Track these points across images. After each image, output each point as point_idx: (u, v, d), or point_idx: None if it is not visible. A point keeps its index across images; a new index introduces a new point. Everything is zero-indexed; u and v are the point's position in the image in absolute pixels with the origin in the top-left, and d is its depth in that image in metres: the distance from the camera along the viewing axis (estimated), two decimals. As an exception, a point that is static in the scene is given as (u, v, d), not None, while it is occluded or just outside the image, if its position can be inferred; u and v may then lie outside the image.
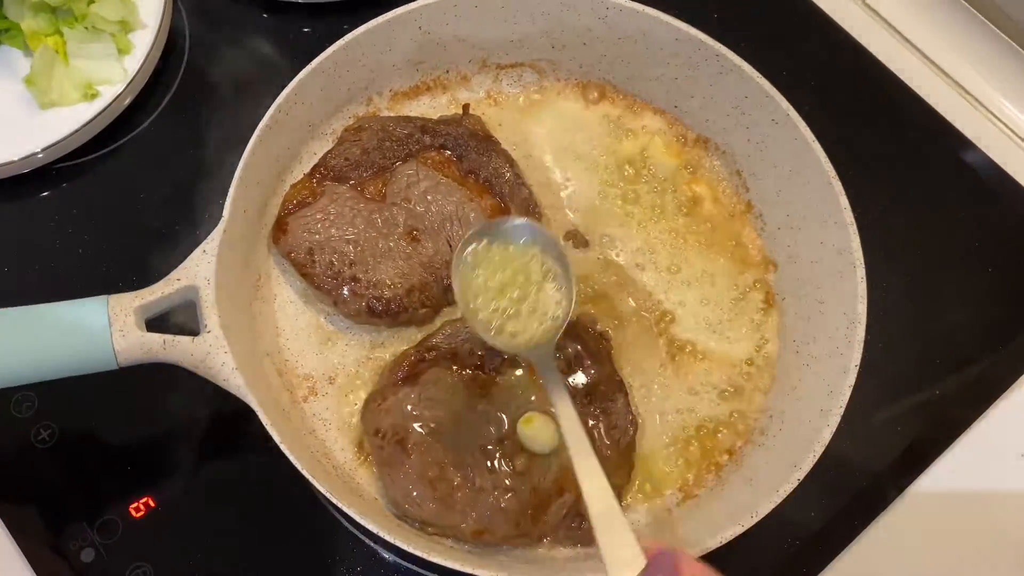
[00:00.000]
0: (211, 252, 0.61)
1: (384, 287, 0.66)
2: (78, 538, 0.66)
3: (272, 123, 0.66)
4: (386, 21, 0.69)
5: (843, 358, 0.63)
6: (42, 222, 0.76)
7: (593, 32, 0.72)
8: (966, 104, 0.84)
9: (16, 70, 0.79)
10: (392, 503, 0.63)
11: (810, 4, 0.87)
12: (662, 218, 0.74)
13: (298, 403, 0.67)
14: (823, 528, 0.68)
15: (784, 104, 0.67)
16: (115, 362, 0.58)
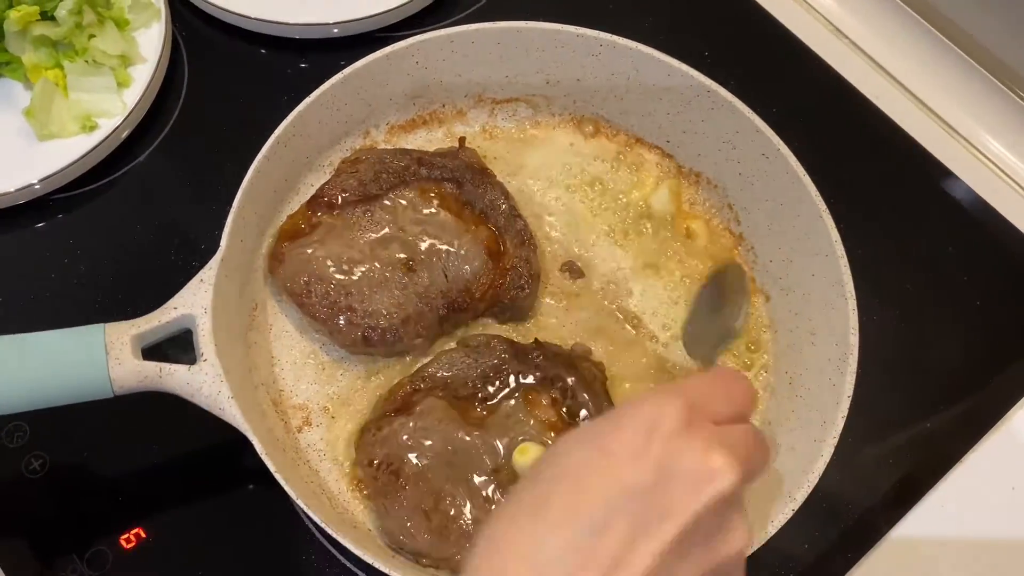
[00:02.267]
0: (208, 281, 0.61)
1: (380, 317, 0.67)
2: (67, 569, 0.65)
3: (270, 154, 0.67)
4: (384, 56, 0.70)
5: (836, 389, 0.63)
6: (38, 252, 0.77)
7: (586, 68, 0.74)
8: (952, 140, 0.86)
9: (16, 102, 0.80)
10: (386, 534, 0.62)
11: (798, 42, 0.88)
12: (656, 250, 0.74)
13: (292, 433, 0.67)
14: (816, 561, 0.68)
15: (775, 139, 0.68)
16: (111, 390, 0.58)
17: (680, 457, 0.39)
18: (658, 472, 0.38)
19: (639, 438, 0.39)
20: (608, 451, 0.39)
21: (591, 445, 0.40)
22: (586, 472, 0.39)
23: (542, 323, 0.72)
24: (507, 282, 0.69)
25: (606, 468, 0.39)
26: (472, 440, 0.63)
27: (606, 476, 0.38)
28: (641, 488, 0.38)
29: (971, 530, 0.70)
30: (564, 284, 0.73)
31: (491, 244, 0.70)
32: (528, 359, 0.67)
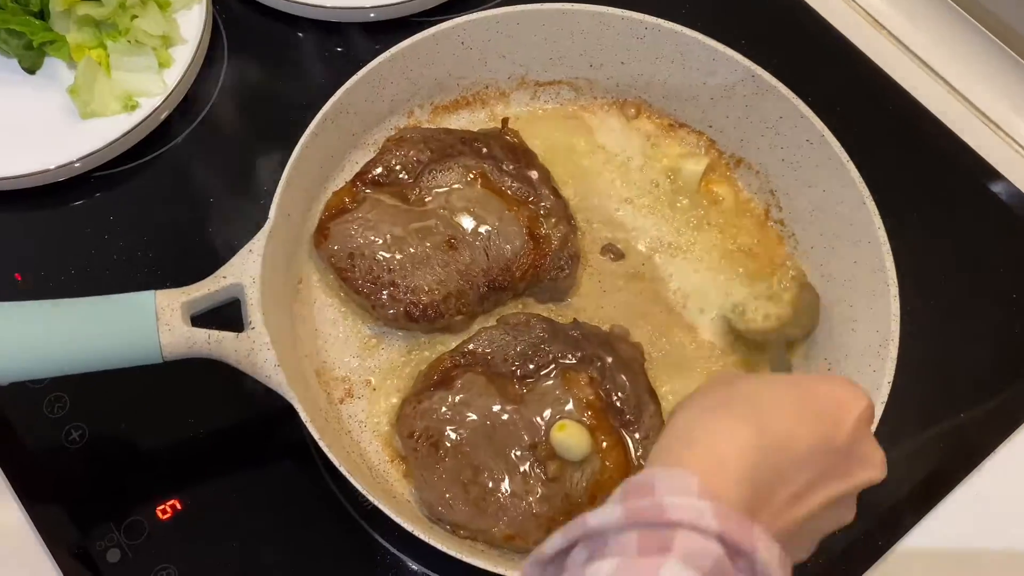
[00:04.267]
0: (257, 252, 0.62)
1: (422, 293, 0.67)
2: (104, 538, 0.66)
3: (318, 130, 0.68)
4: (431, 35, 0.71)
5: (876, 375, 0.63)
6: (78, 229, 0.77)
7: (631, 51, 0.74)
8: (993, 135, 0.85)
9: (60, 81, 0.81)
10: (425, 505, 0.63)
11: (836, 33, 0.88)
12: (698, 235, 0.75)
13: (335, 404, 0.67)
14: (844, 551, 0.68)
15: (819, 125, 0.68)
16: (160, 355, 0.58)
17: (866, 440, 0.48)
18: (851, 443, 0.46)
19: (844, 409, 0.47)
20: (823, 403, 0.47)
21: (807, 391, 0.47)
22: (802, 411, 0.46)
23: (581, 304, 0.72)
24: (547, 262, 0.70)
25: (816, 419, 0.46)
26: (511, 416, 0.64)
27: (818, 424, 0.45)
28: (841, 447, 0.46)
29: (999, 525, 0.70)
30: (604, 265, 0.74)
31: (532, 224, 0.70)
32: (567, 338, 0.67)
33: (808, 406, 0.46)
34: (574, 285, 0.72)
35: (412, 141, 0.72)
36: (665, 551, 0.38)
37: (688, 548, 0.38)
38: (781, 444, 0.44)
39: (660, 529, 0.39)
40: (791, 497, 0.43)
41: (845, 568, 0.67)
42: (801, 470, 0.45)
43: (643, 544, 0.38)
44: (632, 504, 0.40)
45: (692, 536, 0.38)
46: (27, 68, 0.81)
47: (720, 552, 0.38)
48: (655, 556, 0.38)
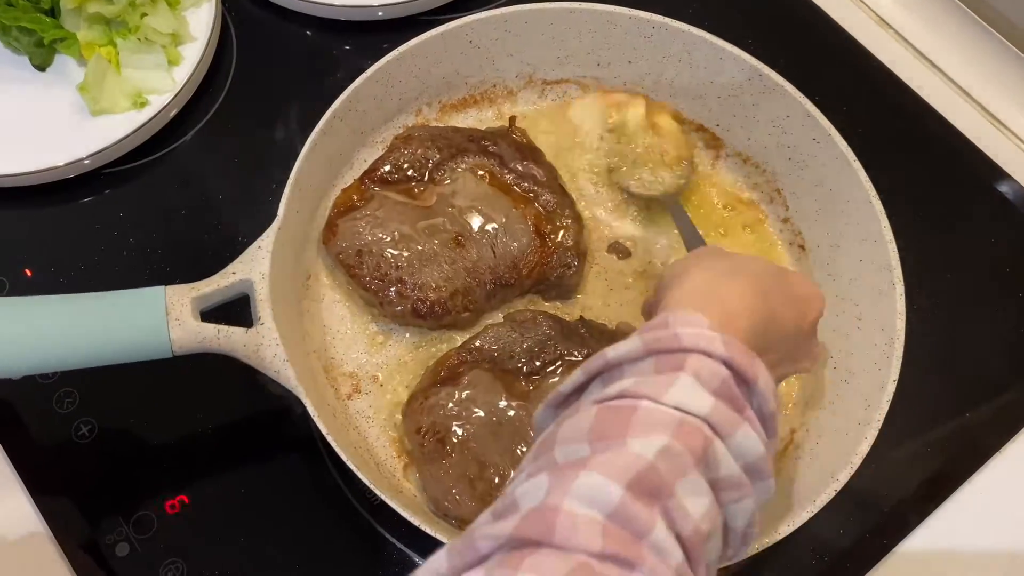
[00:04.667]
0: (266, 248, 0.62)
1: (429, 290, 0.67)
2: (113, 532, 0.66)
3: (327, 128, 0.68)
4: (439, 34, 0.71)
5: (881, 373, 0.63)
6: (87, 225, 0.78)
7: (638, 50, 0.74)
8: (1000, 134, 0.85)
9: (71, 78, 0.81)
10: (432, 500, 0.63)
11: (843, 32, 0.88)
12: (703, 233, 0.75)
13: (342, 400, 0.68)
14: (850, 547, 0.68)
15: (826, 123, 0.68)
16: (170, 350, 0.59)
17: (812, 336, 0.55)
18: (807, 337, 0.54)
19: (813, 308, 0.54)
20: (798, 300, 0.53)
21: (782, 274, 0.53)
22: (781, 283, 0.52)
23: (588, 301, 0.73)
24: (554, 260, 0.70)
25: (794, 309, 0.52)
26: (517, 412, 0.64)
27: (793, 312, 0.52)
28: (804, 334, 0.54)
29: (1004, 525, 0.70)
30: (610, 263, 0.74)
31: (539, 222, 0.70)
32: (573, 336, 0.67)
33: (790, 292, 0.52)
34: (581, 283, 0.72)
35: (420, 139, 0.72)
36: (679, 369, 0.42)
37: (699, 368, 0.42)
38: (773, 318, 0.49)
39: (675, 354, 0.42)
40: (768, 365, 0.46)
41: (851, 566, 0.68)
42: (778, 345, 0.51)
43: (659, 366, 0.42)
44: (649, 335, 0.43)
45: (703, 359, 0.42)
46: (38, 65, 0.82)
47: (727, 374, 0.42)
48: (670, 373, 0.41)
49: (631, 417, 0.40)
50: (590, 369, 0.44)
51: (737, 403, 0.42)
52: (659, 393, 0.40)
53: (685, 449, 0.39)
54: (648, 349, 0.43)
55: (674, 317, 0.44)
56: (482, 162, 0.72)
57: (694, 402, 0.40)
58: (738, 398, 0.42)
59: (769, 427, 0.44)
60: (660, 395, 0.40)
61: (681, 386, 0.41)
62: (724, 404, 0.41)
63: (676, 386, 0.41)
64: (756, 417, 0.43)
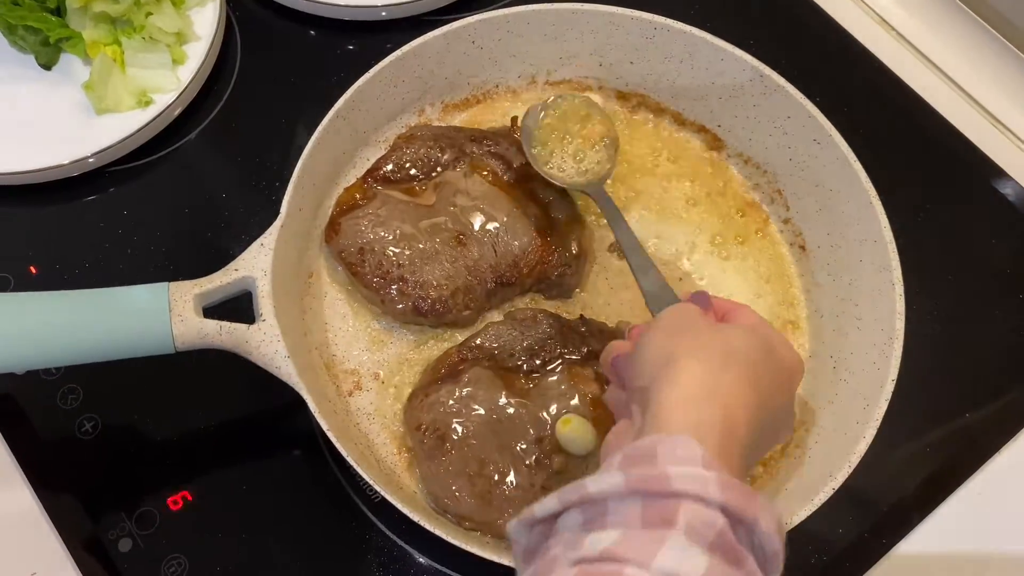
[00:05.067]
0: (268, 246, 0.63)
1: (430, 288, 0.68)
2: (116, 528, 0.67)
3: (330, 127, 0.69)
4: (441, 35, 0.72)
5: (880, 372, 0.63)
6: (91, 223, 0.78)
7: (640, 51, 0.75)
8: (1000, 135, 0.85)
9: (76, 77, 0.82)
10: (432, 497, 0.64)
11: (844, 33, 0.89)
12: (703, 232, 0.75)
13: (343, 396, 0.68)
14: (849, 546, 0.68)
15: (827, 124, 0.69)
16: (173, 346, 0.59)
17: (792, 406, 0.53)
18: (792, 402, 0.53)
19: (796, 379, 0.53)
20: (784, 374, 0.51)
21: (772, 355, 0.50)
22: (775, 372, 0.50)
23: (588, 300, 0.73)
24: (555, 259, 0.70)
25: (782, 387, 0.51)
26: (517, 410, 0.64)
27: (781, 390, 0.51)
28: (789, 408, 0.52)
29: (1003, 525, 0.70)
30: (611, 262, 0.74)
31: (540, 221, 0.71)
32: (574, 334, 0.68)
33: (777, 367, 0.50)
34: (581, 282, 0.73)
35: (422, 139, 0.72)
36: (670, 524, 0.38)
37: (692, 520, 0.38)
38: (766, 407, 0.47)
39: (664, 500, 0.38)
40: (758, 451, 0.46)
41: (849, 566, 0.68)
42: (769, 430, 0.48)
43: (647, 515, 0.38)
44: (635, 472, 0.39)
45: (696, 508, 0.38)
46: (43, 64, 0.82)
47: (723, 523, 0.38)
48: (659, 528, 0.37)
49: None
50: (566, 500, 0.40)
51: (735, 555, 0.38)
52: (647, 557, 0.36)
53: None
54: (632, 489, 0.39)
55: (663, 448, 0.40)
56: (484, 162, 0.72)
57: (686, 567, 0.36)
58: (736, 550, 0.39)
59: (771, 567, 0.40)
60: (648, 559, 0.36)
61: (671, 547, 0.37)
62: (720, 560, 0.37)
63: (666, 547, 0.37)
64: (757, 562, 0.40)
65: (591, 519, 0.40)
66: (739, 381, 0.45)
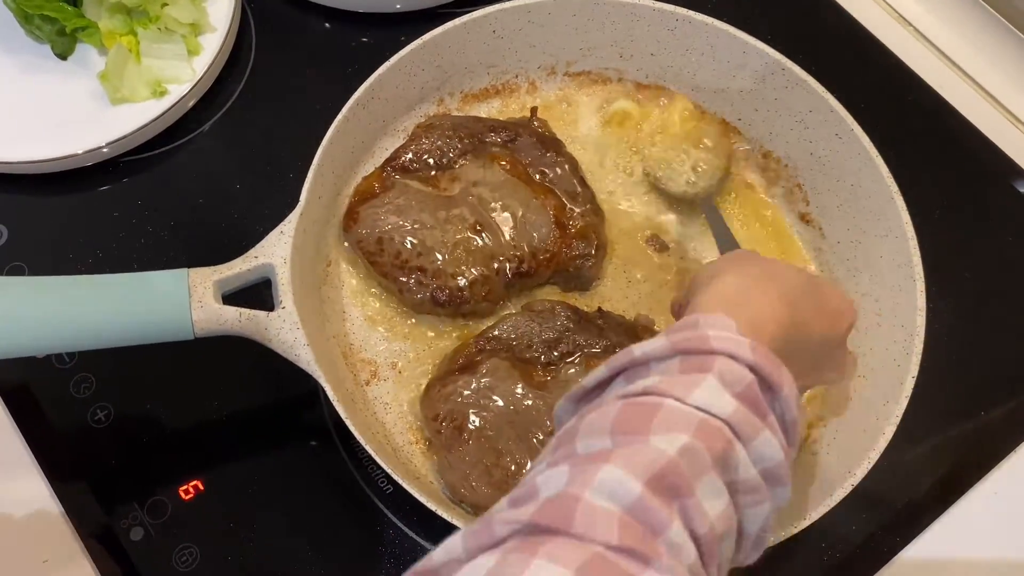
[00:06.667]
0: (288, 233, 0.63)
1: (448, 278, 0.68)
2: (128, 517, 0.66)
3: (350, 116, 0.68)
4: (462, 24, 0.72)
5: (900, 369, 0.63)
6: (106, 213, 0.78)
7: (661, 43, 0.75)
8: (1020, 133, 0.85)
9: (91, 67, 0.82)
10: (448, 487, 0.63)
11: (862, 30, 0.89)
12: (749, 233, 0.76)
13: (360, 385, 0.68)
14: (864, 543, 0.68)
15: (849, 119, 0.68)
16: (192, 332, 0.59)
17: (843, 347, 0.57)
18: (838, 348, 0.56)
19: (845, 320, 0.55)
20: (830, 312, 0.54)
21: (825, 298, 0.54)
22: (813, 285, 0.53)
23: (606, 292, 0.73)
24: (573, 250, 0.70)
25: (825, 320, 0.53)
26: (534, 401, 0.64)
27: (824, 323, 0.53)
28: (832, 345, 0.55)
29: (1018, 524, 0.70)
30: (630, 255, 0.74)
31: (558, 213, 0.70)
32: (591, 327, 0.67)
33: (821, 303, 0.52)
34: (599, 274, 0.73)
35: (441, 129, 0.72)
36: (705, 371, 0.41)
37: (724, 371, 0.42)
38: (801, 328, 0.49)
39: (701, 356, 0.42)
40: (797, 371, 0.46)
41: (863, 563, 0.67)
42: (805, 355, 0.51)
43: (684, 367, 0.42)
44: (678, 336, 0.43)
45: (729, 362, 0.42)
46: (59, 54, 0.82)
47: (752, 379, 0.42)
48: (696, 373, 0.41)
49: (655, 414, 0.40)
50: (615, 365, 0.44)
51: (760, 408, 0.42)
52: (684, 393, 0.41)
53: (705, 449, 0.39)
54: (676, 348, 0.43)
55: (704, 319, 0.45)
56: (503, 152, 0.72)
57: (717, 404, 0.41)
58: (761, 403, 0.42)
59: (791, 435, 0.44)
60: (685, 395, 0.40)
61: (706, 387, 0.41)
62: (747, 408, 0.41)
63: (701, 387, 0.41)
64: (778, 424, 0.43)
65: (635, 376, 0.43)
66: (770, 294, 0.48)
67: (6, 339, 0.56)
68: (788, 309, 0.48)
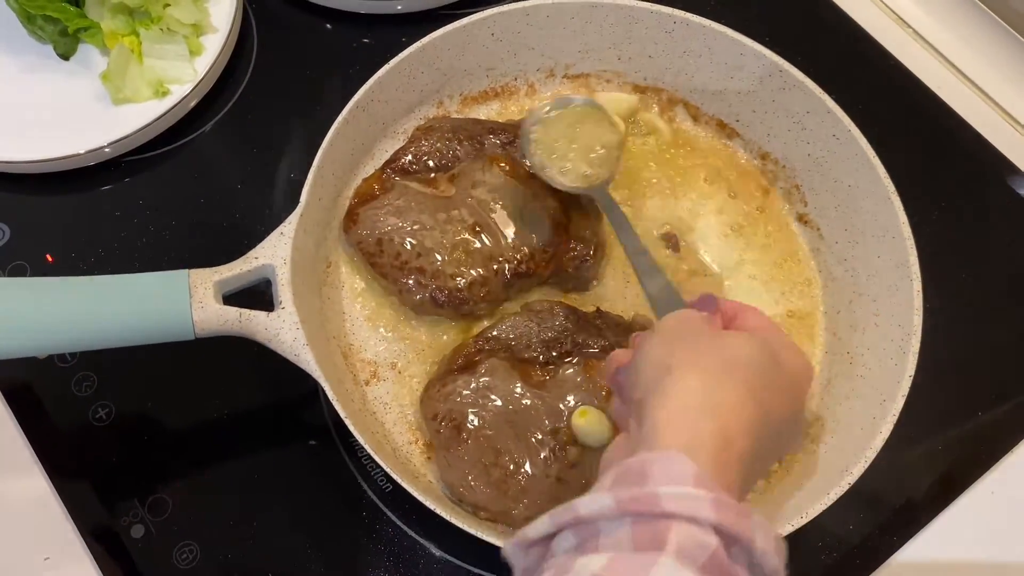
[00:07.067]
0: (288, 235, 0.63)
1: (447, 279, 0.68)
2: (129, 514, 0.67)
3: (350, 118, 0.69)
4: (461, 27, 0.72)
5: (897, 369, 0.63)
6: (107, 212, 0.79)
7: (659, 45, 0.75)
8: (1017, 134, 0.85)
9: (93, 67, 0.82)
10: (448, 486, 0.64)
11: (861, 30, 0.89)
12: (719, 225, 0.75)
13: (360, 385, 0.68)
14: (862, 542, 0.68)
15: (846, 120, 0.69)
16: (192, 332, 0.59)
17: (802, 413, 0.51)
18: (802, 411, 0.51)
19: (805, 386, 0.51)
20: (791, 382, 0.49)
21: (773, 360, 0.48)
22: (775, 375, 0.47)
23: (605, 293, 0.73)
24: (572, 251, 0.70)
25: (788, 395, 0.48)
26: (533, 401, 0.64)
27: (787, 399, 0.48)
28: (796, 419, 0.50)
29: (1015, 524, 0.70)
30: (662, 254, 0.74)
31: (557, 214, 0.71)
32: (590, 327, 0.68)
33: (782, 376, 0.47)
34: (598, 275, 0.73)
35: (441, 130, 0.73)
36: (660, 546, 0.36)
37: (683, 543, 0.37)
38: (767, 417, 0.44)
39: (655, 520, 0.37)
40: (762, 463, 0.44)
41: (860, 563, 0.68)
42: (770, 443, 0.45)
43: (637, 537, 0.37)
44: (625, 494, 0.38)
45: (688, 528, 0.37)
46: (61, 54, 0.83)
47: (716, 543, 0.37)
48: (650, 552, 0.36)
49: None
50: (558, 520, 0.40)
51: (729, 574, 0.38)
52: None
53: None
54: (623, 511, 0.38)
55: (655, 466, 0.39)
56: (502, 154, 0.72)
57: None
58: (728, 571, 0.37)
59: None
60: None
61: (660, 573, 0.35)
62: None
63: (654, 573, 0.35)
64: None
65: (584, 541, 0.39)
66: (737, 392, 0.43)
67: (7, 340, 0.56)
68: (755, 407, 0.43)
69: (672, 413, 0.42)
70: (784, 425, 0.47)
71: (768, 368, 0.46)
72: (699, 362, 0.44)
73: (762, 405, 0.44)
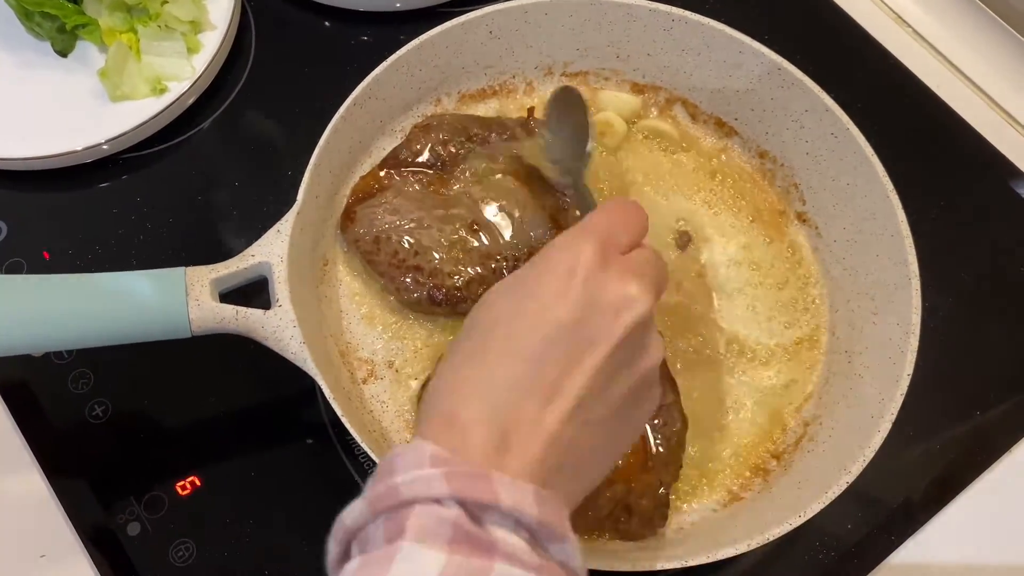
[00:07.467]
0: (284, 232, 0.63)
1: (445, 277, 0.68)
2: (125, 512, 0.67)
3: (347, 115, 0.69)
4: (459, 24, 0.72)
5: (896, 367, 0.63)
6: (105, 210, 0.79)
7: (657, 43, 0.75)
8: (1016, 133, 0.85)
9: (91, 64, 0.82)
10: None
11: (859, 29, 0.89)
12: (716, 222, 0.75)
13: (357, 384, 0.68)
14: (859, 542, 0.68)
15: (844, 118, 0.69)
16: (189, 330, 0.59)
17: (600, 291, 0.42)
18: (583, 308, 0.42)
19: (562, 281, 0.43)
20: (535, 296, 0.43)
21: (519, 293, 0.44)
22: (518, 316, 0.43)
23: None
24: (570, 250, 0.70)
25: (536, 311, 0.42)
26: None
27: (537, 317, 0.42)
28: (570, 323, 0.42)
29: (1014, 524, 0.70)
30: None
31: (555, 212, 0.71)
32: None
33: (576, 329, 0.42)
34: (596, 273, 0.73)
35: (439, 128, 0.72)
36: (400, 534, 0.36)
37: (423, 524, 0.36)
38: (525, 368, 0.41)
39: (399, 511, 0.37)
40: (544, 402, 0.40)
41: (857, 562, 0.68)
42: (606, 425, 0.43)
43: (388, 532, 0.37)
44: (372, 492, 0.38)
45: (427, 509, 0.37)
46: (59, 51, 0.82)
47: (458, 514, 0.36)
48: (394, 543, 0.36)
49: None
50: (339, 539, 0.40)
51: (479, 543, 0.36)
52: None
53: None
54: (375, 511, 0.37)
55: (399, 459, 0.39)
56: (500, 152, 0.72)
57: (420, 573, 0.35)
58: (478, 538, 0.36)
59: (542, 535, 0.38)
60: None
61: (400, 561, 0.35)
62: (462, 554, 0.35)
63: (395, 564, 0.35)
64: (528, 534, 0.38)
65: (361, 549, 0.39)
66: (472, 367, 0.42)
67: (2, 337, 0.56)
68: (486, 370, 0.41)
69: (423, 409, 0.43)
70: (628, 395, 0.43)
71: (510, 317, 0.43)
72: (459, 348, 0.44)
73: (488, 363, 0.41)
